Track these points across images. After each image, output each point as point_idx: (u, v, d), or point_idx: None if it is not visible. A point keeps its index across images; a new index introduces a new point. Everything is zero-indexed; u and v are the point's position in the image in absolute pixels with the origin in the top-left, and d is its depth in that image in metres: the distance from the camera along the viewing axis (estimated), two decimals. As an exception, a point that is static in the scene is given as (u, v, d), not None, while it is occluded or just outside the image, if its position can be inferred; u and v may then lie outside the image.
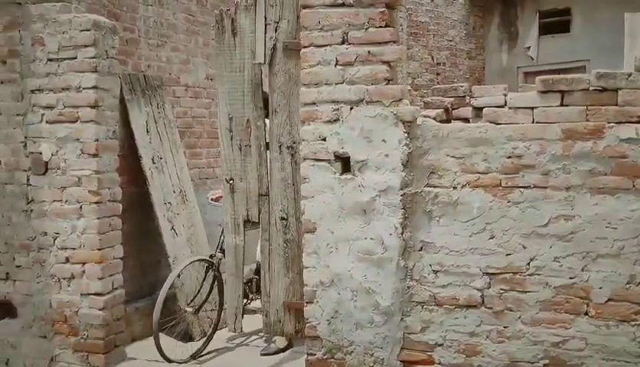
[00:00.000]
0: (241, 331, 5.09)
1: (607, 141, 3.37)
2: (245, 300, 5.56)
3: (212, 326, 5.36)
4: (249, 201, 4.81)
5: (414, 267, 3.75)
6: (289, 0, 4.50)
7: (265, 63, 4.62)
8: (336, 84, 3.82)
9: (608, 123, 3.37)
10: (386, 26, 3.74)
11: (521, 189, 3.53)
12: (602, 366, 3.42)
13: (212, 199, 5.56)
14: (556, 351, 3.51)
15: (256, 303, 5.73)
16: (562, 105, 3.46)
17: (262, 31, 4.60)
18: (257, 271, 5.62)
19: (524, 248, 3.54)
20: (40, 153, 4.84)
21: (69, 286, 4.82)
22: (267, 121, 4.75)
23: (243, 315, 5.10)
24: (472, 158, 3.60)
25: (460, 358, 3.68)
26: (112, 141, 4.91)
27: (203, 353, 5.13)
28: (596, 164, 3.39)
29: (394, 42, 3.76)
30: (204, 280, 5.27)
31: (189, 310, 5.25)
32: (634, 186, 3.34)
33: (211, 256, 5.32)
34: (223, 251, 5.26)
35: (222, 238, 5.26)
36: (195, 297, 5.27)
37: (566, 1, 12.90)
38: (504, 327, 3.60)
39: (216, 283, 5.32)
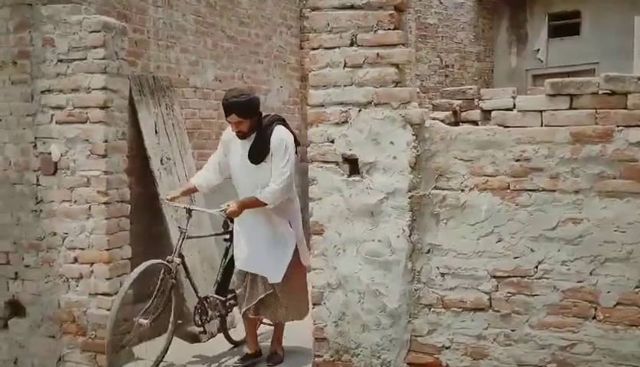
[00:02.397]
0: None
1: (616, 144, 3.35)
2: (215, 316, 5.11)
3: (167, 338, 4.88)
4: None
5: (422, 269, 3.75)
6: None
7: None
8: (344, 86, 3.83)
9: (618, 126, 3.36)
10: (395, 28, 3.74)
11: (529, 193, 3.52)
12: (610, 370, 3.41)
13: (167, 199, 4.95)
14: (564, 355, 3.50)
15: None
16: (571, 108, 3.45)
17: None
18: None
19: (532, 251, 3.53)
20: (50, 153, 4.87)
21: (77, 286, 4.84)
22: None
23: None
24: (480, 161, 3.60)
25: (467, 361, 3.68)
26: (121, 141, 4.93)
27: None
28: (605, 168, 3.38)
29: (403, 44, 3.75)
30: (159, 287, 4.72)
31: (143, 321, 4.69)
32: (643, 189, 3.33)
33: (168, 260, 4.79)
34: (181, 255, 4.85)
35: (181, 241, 4.84)
36: (149, 306, 4.71)
37: (576, 4, 12.87)
38: (512, 330, 3.59)
39: (173, 291, 4.82)
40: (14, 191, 5.01)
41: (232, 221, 4.96)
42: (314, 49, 3.92)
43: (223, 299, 5.05)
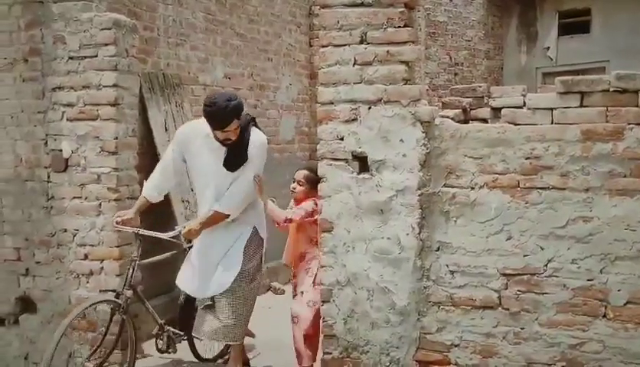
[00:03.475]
0: None
1: (627, 142, 3.34)
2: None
3: None
4: None
5: (431, 267, 3.74)
6: None
7: None
8: (354, 84, 3.82)
9: (629, 124, 3.34)
10: (405, 26, 3.73)
11: (539, 191, 3.51)
12: (620, 369, 3.40)
13: (116, 224, 4.40)
14: (574, 353, 3.49)
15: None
16: (581, 106, 3.44)
17: None
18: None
19: (542, 249, 3.52)
20: (61, 150, 4.90)
21: (87, 282, 4.87)
22: None
23: None
24: (490, 159, 3.59)
25: (476, 359, 3.67)
26: (132, 138, 4.95)
27: None
28: (616, 166, 3.37)
29: (413, 42, 3.75)
30: (108, 326, 4.37)
31: (89, 365, 4.34)
32: (654, 188, 3.32)
33: (117, 295, 4.37)
34: (132, 287, 4.36)
35: (131, 271, 4.36)
36: (97, 348, 4.40)
37: (586, 2, 12.82)
38: (521, 328, 3.59)
39: (125, 329, 4.38)
40: (25, 188, 5.04)
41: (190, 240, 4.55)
42: (323, 46, 3.92)
43: (182, 334, 4.68)
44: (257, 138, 4.24)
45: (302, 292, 4.48)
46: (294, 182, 4.49)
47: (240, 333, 4.32)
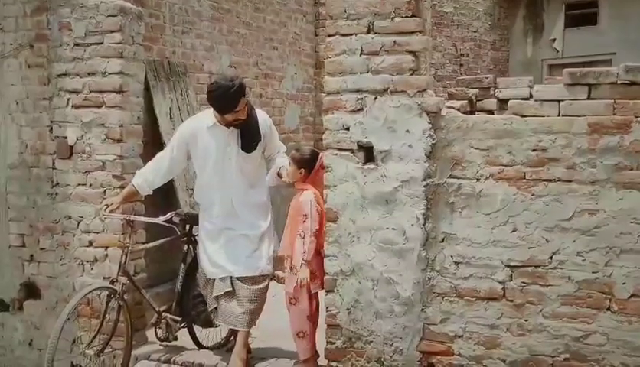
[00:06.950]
0: None
1: (634, 135, 3.33)
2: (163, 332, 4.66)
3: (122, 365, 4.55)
4: None
5: (435, 258, 3.74)
6: None
7: None
8: (361, 73, 3.81)
9: (636, 117, 3.33)
10: (412, 16, 3.72)
11: (546, 183, 3.50)
12: (624, 362, 3.40)
13: (105, 213, 4.49)
14: (577, 345, 3.49)
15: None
16: (589, 98, 3.42)
17: None
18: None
19: (547, 241, 3.52)
20: (66, 137, 4.90)
21: (92, 269, 4.88)
22: None
23: None
24: (496, 150, 3.58)
25: (480, 350, 3.68)
26: (137, 126, 4.95)
27: None
28: (622, 159, 3.36)
29: (420, 32, 3.74)
30: (105, 313, 4.40)
31: (90, 352, 4.39)
32: (660, 181, 3.31)
33: (112, 282, 4.43)
34: (126, 273, 4.43)
35: (124, 258, 4.42)
36: (96, 335, 4.43)
37: (593, -7, 12.73)
38: (525, 320, 3.59)
39: (122, 314, 4.44)
40: (31, 174, 5.05)
41: (189, 225, 4.64)
42: (330, 36, 3.90)
43: (179, 319, 4.67)
44: (262, 117, 4.39)
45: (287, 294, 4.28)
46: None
47: (255, 320, 4.36)
